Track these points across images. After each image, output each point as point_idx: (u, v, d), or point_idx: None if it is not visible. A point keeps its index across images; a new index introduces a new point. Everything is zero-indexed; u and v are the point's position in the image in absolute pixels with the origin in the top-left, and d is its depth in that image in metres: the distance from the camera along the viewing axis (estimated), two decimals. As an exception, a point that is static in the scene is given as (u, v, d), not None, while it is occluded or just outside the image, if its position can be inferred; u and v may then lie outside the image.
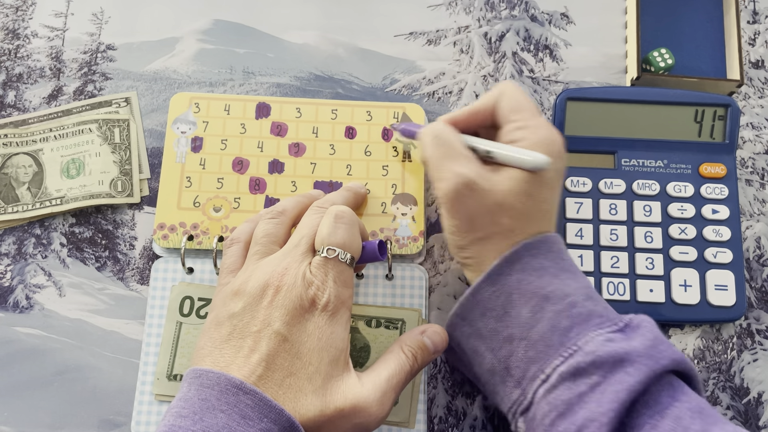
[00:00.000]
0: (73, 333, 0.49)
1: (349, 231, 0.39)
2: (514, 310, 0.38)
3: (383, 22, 0.58)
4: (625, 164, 0.50)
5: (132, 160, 0.52)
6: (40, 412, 0.47)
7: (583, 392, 0.34)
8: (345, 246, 0.39)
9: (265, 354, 0.36)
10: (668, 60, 0.53)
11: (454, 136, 0.41)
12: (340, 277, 0.38)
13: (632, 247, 0.49)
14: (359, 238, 0.40)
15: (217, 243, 0.48)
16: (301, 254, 0.39)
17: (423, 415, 0.46)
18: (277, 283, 0.37)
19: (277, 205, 0.44)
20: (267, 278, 0.38)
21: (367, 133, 0.52)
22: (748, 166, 0.54)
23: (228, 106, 0.52)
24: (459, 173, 0.39)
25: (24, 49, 0.57)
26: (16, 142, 0.52)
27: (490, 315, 0.38)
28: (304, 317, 0.37)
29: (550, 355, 0.36)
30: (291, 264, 0.38)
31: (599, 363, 0.34)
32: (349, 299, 0.39)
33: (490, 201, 0.39)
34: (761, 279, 0.51)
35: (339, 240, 0.39)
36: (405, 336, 0.41)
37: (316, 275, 0.38)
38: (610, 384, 0.34)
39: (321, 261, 0.38)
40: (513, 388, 0.37)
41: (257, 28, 0.58)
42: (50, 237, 0.51)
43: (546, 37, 0.57)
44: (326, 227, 0.39)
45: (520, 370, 0.37)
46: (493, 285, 0.39)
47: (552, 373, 0.35)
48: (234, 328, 0.37)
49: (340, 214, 0.40)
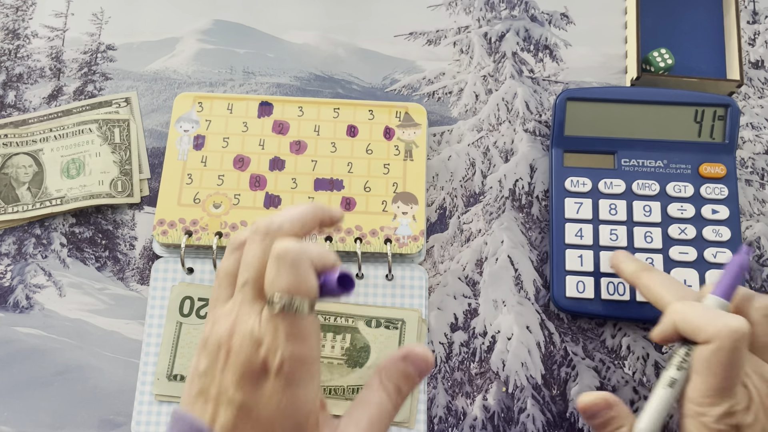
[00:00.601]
0: (73, 333, 0.49)
1: (296, 273, 0.32)
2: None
3: (383, 22, 0.58)
4: (625, 164, 0.50)
5: (132, 160, 0.52)
6: (40, 412, 0.47)
7: None
8: (293, 291, 0.32)
9: (224, 423, 0.32)
10: (668, 60, 0.53)
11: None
12: (293, 331, 0.32)
13: (632, 248, 0.49)
14: (310, 276, 0.33)
15: (216, 241, 0.48)
16: (249, 303, 0.34)
17: (423, 415, 0.46)
18: (228, 345, 0.33)
19: (240, 234, 0.37)
20: (220, 335, 0.34)
21: (368, 131, 0.52)
22: (748, 166, 0.54)
23: (231, 105, 0.52)
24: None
25: (24, 49, 0.57)
26: (16, 142, 0.52)
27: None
28: (258, 382, 0.33)
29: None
30: (239, 318, 0.34)
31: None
32: (311, 352, 0.33)
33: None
34: (761, 279, 0.51)
35: (285, 285, 0.32)
36: (386, 365, 0.36)
37: (266, 332, 0.32)
38: None
39: (269, 315, 0.33)
40: None
41: (257, 28, 0.58)
42: (50, 237, 0.51)
43: (546, 37, 0.58)
44: (270, 271, 0.33)
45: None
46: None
47: None
48: (200, 389, 0.34)
49: (282, 253, 0.33)
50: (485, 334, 0.49)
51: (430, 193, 0.53)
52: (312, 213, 0.37)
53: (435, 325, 0.49)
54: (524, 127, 0.55)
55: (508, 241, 0.52)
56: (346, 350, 0.46)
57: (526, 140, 0.54)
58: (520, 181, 0.53)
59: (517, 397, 0.48)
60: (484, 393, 0.48)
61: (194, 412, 0.33)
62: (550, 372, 0.48)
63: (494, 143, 0.54)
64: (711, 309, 0.35)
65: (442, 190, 0.53)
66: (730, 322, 0.33)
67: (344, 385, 0.46)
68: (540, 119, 0.55)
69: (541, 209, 0.53)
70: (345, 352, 0.46)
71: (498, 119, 0.55)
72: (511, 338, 0.49)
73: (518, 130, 0.55)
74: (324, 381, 0.46)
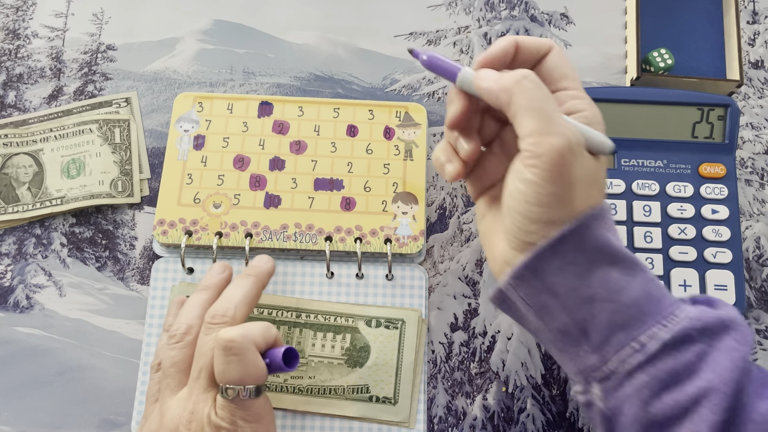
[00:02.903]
0: (74, 333, 0.49)
1: (243, 362, 0.35)
2: (600, 270, 0.33)
3: (383, 22, 0.58)
4: (625, 164, 0.51)
5: (132, 160, 0.52)
6: (40, 412, 0.47)
7: (692, 361, 0.31)
8: (243, 381, 0.35)
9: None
10: (668, 60, 0.53)
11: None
12: (249, 415, 0.36)
13: (632, 247, 0.49)
14: (257, 363, 0.36)
15: (216, 241, 0.48)
16: (203, 391, 0.36)
17: (423, 415, 0.46)
18: (186, 431, 0.35)
19: (180, 324, 0.40)
20: (176, 425, 0.36)
21: (369, 131, 0.52)
22: (748, 166, 0.54)
23: (231, 105, 0.52)
24: (572, 130, 0.32)
25: (24, 50, 0.57)
26: (17, 142, 0.52)
27: (570, 270, 0.33)
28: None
29: (645, 322, 0.32)
30: (196, 406, 0.36)
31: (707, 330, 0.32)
32: (269, 425, 0.37)
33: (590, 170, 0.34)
34: (761, 279, 0.51)
35: (235, 377, 0.35)
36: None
37: (223, 418, 0.35)
38: (720, 351, 0.31)
39: (224, 402, 0.35)
40: (589, 353, 0.34)
41: (257, 28, 0.58)
42: (50, 237, 0.51)
43: (546, 37, 0.58)
44: (219, 364, 0.36)
45: (600, 335, 0.33)
46: (579, 238, 0.33)
47: (648, 342, 0.32)
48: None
49: (228, 345, 0.35)
50: (485, 333, 0.49)
51: (430, 193, 0.53)
52: (254, 282, 0.41)
53: (435, 325, 0.49)
54: (524, 127, 0.55)
55: (508, 241, 0.52)
56: (346, 350, 0.46)
57: (526, 140, 0.54)
58: (520, 181, 0.53)
59: (517, 397, 0.48)
60: (484, 393, 0.48)
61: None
62: (550, 372, 0.48)
63: (494, 143, 0.54)
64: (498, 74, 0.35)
65: (442, 190, 0.53)
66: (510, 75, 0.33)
67: (344, 385, 0.46)
68: (540, 119, 0.55)
69: (541, 209, 0.52)
70: (345, 352, 0.46)
71: (498, 119, 0.55)
72: (511, 338, 0.49)
73: (518, 130, 0.55)
74: (324, 381, 0.46)
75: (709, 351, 0.31)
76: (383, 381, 0.46)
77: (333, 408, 0.45)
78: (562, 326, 0.34)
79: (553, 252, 0.33)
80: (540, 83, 0.33)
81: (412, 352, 0.46)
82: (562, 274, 0.33)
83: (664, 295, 0.33)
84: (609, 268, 0.33)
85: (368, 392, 0.46)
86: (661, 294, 0.33)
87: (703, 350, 0.31)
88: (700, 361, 0.31)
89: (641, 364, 0.32)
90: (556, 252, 0.33)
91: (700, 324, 0.31)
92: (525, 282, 0.34)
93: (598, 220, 0.33)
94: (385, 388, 0.46)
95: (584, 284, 0.33)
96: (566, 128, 0.32)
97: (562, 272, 0.33)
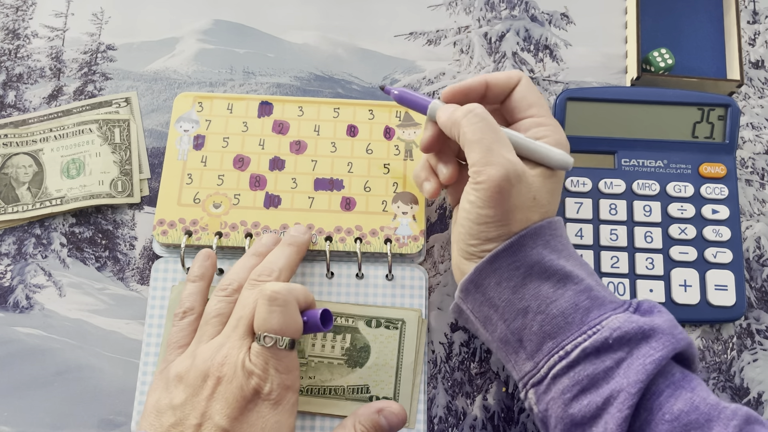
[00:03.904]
0: (73, 333, 0.49)
1: (285, 314, 0.38)
2: (533, 284, 0.37)
3: (383, 22, 0.58)
4: (625, 164, 0.50)
5: (132, 160, 0.52)
6: (40, 412, 0.47)
7: (610, 367, 0.34)
8: (282, 331, 0.37)
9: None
10: (668, 60, 0.53)
11: (495, 122, 0.39)
12: (281, 365, 0.38)
13: (632, 247, 0.49)
14: (297, 317, 0.39)
15: (216, 241, 0.48)
16: (240, 338, 0.38)
17: (423, 415, 0.46)
18: (218, 374, 0.37)
19: (231, 279, 0.42)
20: (207, 367, 0.37)
21: (369, 131, 0.52)
22: (748, 166, 0.54)
23: (231, 105, 0.52)
24: (512, 161, 0.37)
25: (24, 49, 0.57)
26: (16, 142, 0.52)
27: (506, 285, 0.38)
28: (246, 408, 0.36)
29: (571, 331, 0.36)
30: (230, 351, 0.38)
31: (626, 339, 0.35)
32: (295, 382, 0.39)
33: (529, 195, 0.38)
34: (761, 279, 0.51)
35: (275, 326, 0.37)
36: (361, 411, 0.40)
37: (257, 364, 0.37)
38: (636, 358, 0.34)
39: (260, 350, 0.37)
40: (525, 360, 0.37)
41: (257, 28, 0.58)
42: (50, 237, 0.51)
43: (546, 37, 0.58)
44: (261, 312, 0.38)
45: (533, 344, 0.37)
46: (513, 255, 0.37)
47: (573, 350, 0.35)
48: (177, 420, 0.36)
49: (274, 295, 0.38)
50: (485, 334, 0.49)
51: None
52: (296, 251, 0.44)
53: (435, 325, 0.49)
54: (524, 127, 0.55)
55: (508, 241, 0.52)
56: (346, 350, 0.46)
57: (526, 140, 0.54)
58: (520, 181, 0.53)
59: (517, 397, 0.48)
60: (484, 393, 0.48)
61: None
62: (550, 372, 0.48)
63: (494, 143, 0.54)
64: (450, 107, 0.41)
65: (442, 190, 0.53)
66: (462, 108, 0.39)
67: (344, 385, 0.46)
68: (540, 119, 0.55)
69: (541, 209, 0.52)
70: (345, 352, 0.46)
71: (498, 119, 0.55)
72: (511, 338, 0.49)
73: (518, 130, 0.55)
74: (324, 381, 0.46)
75: (627, 357, 0.34)
76: (383, 381, 0.46)
77: (333, 408, 0.45)
78: (502, 336, 0.38)
79: (491, 268, 0.38)
80: (484, 116, 0.38)
81: (413, 352, 0.46)
82: (499, 288, 0.38)
83: (595, 306, 0.36)
84: (541, 283, 0.37)
85: (368, 392, 0.46)
86: (592, 305, 0.36)
87: (621, 357, 0.34)
88: (617, 367, 0.34)
89: (564, 369, 0.35)
90: (493, 268, 0.38)
91: (619, 333, 0.34)
92: (470, 295, 0.39)
93: (534, 238, 0.37)
94: (385, 389, 0.46)
95: (518, 297, 0.37)
96: (505, 159, 0.37)
97: (499, 287, 0.38)
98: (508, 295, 0.38)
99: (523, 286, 0.37)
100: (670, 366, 0.35)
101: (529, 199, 0.38)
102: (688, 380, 0.35)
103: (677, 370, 0.35)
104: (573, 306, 0.36)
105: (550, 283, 0.37)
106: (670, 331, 0.35)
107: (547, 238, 0.38)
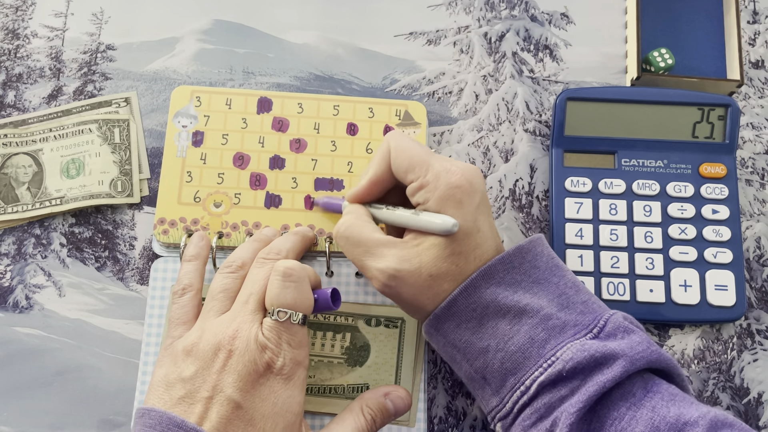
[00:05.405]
0: (73, 333, 0.49)
1: (299, 289, 0.38)
2: (490, 323, 0.38)
3: (383, 22, 0.58)
4: (625, 164, 0.50)
5: (132, 160, 0.52)
6: (40, 412, 0.47)
7: (564, 395, 0.36)
8: (296, 306, 0.38)
9: (216, 422, 0.35)
10: (668, 60, 0.53)
11: (365, 227, 0.40)
12: (294, 340, 0.38)
13: (632, 247, 0.49)
14: (310, 293, 0.39)
15: (217, 241, 0.48)
16: (251, 313, 0.38)
17: (423, 414, 0.46)
18: (229, 347, 0.37)
19: (236, 258, 0.43)
20: (218, 340, 0.37)
21: (368, 130, 0.52)
22: (748, 166, 0.54)
23: (229, 101, 0.52)
24: (381, 270, 0.38)
25: (24, 49, 0.57)
26: (16, 142, 0.52)
27: (465, 327, 0.38)
28: (258, 382, 0.37)
29: (529, 366, 0.37)
30: (242, 325, 0.38)
31: (579, 369, 0.35)
32: (305, 359, 0.39)
33: (423, 277, 0.38)
34: (761, 279, 0.51)
35: (289, 301, 0.38)
36: (368, 395, 0.41)
37: (270, 338, 0.37)
38: (589, 385, 0.35)
39: (273, 324, 0.38)
40: (491, 395, 0.38)
41: (257, 28, 0.58)
42: (50, 237, 0.51)
43: (546, 37, 0.58)
44: (275, 287, 0.38)
45: (497, 381, 0.38)
46: (468, 298, 0.38)
47: (531, 385, 0.36)
48: (187, 393, 0.36)
49: (288, 271, 0.39)
50: (485, 334, 0.49)
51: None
52: (301, 240, 0.45)
53: (435, 325, 0.49)
54: (524, 127, 0.55)
55: (508, 241, 0.52)
56: (346, 349, 0.46)
57: (526, 140, 0.54)
58: (520, 181, 0.53)
59: (518, 397, 0.48)
60: (484, 393, 0.48)
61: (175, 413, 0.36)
62: (550, 372, 0.48)
63: (494, 143, 0.54)
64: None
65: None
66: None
67: (344, 383, 0.46)
68: (540, 119, 0.55)
69: (541, 209, 0.53)
70: (345, 351, 0.46)
71: (498, 119, 0.55)
72: (511, 338, 0.49)
73: (518, 130, 0.55)
74: (324, 380, 0.46)
75: (582, 385, 0.35)
76: (383, 380, 0.46)
77: (333, 407, 0.45)
78: (468, 374, 0.39)
79: (449, 313, 0.38)
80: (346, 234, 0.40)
81: (412, 351, 0.46)
82: (459, 330, 0.38)
83: (553, 335, 0.37)
84: (498, 321, 0.38)
85: (368, 392, 0.45)
86: (548, 336, 0.37)
87: (577, 385, 0.35)
88: (571, 395, 0.35)
89: (525, 403, 0.37)
90: (451, 312, 0.38)
91: (572, 365, 0.35)
92: (433, 338, 0.40)
93: (486, 278, 0.38)
94: (385, 388, 0.46)
95: (478, 337, 0.38)
96: (376, 271, 0.39)
97: (459, 328, 0.38)
98: (468, 336, 0.38)
99: (481, 326, 0.38)
100: (631, 386, 0.36)
101: (426, 279, 0.38)
102: (649, 398, 0.35)
103: (638, 388, 0.36)
104: (529, 340, 0.37)
105: (506, 320, 0.37)
106: (627, 352, 0.35)
107: (500, 275, 0.38)
